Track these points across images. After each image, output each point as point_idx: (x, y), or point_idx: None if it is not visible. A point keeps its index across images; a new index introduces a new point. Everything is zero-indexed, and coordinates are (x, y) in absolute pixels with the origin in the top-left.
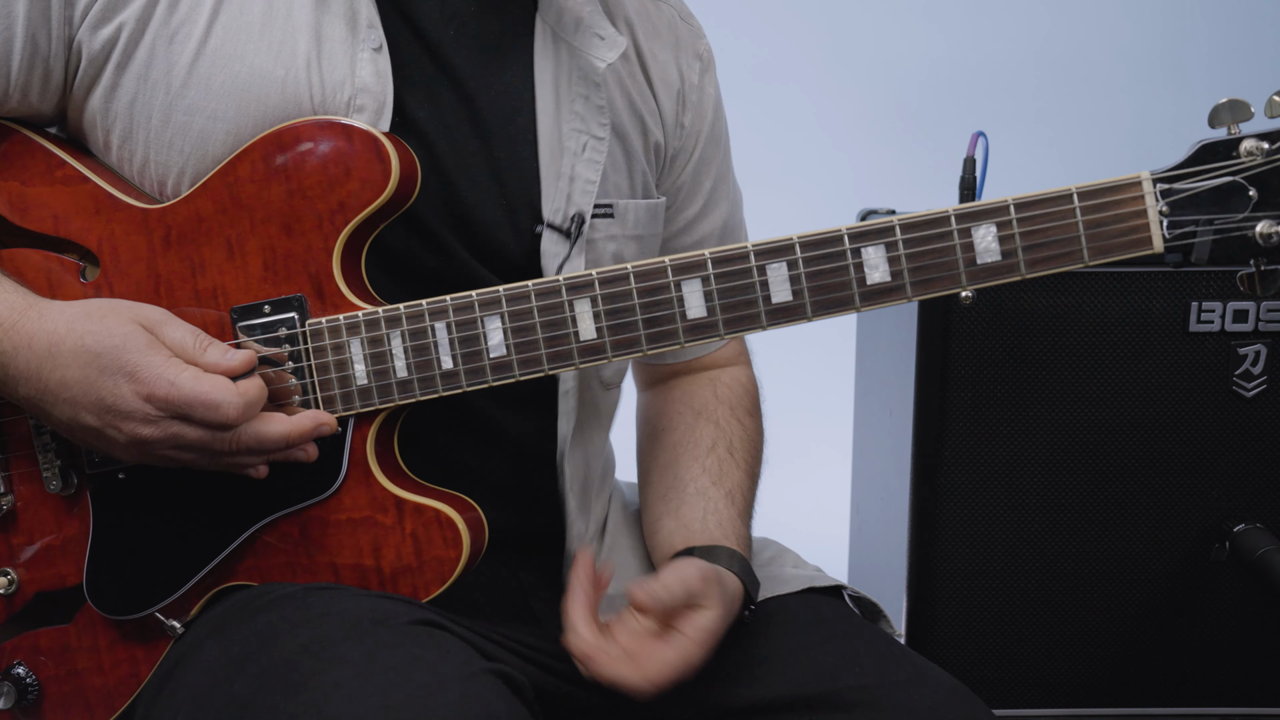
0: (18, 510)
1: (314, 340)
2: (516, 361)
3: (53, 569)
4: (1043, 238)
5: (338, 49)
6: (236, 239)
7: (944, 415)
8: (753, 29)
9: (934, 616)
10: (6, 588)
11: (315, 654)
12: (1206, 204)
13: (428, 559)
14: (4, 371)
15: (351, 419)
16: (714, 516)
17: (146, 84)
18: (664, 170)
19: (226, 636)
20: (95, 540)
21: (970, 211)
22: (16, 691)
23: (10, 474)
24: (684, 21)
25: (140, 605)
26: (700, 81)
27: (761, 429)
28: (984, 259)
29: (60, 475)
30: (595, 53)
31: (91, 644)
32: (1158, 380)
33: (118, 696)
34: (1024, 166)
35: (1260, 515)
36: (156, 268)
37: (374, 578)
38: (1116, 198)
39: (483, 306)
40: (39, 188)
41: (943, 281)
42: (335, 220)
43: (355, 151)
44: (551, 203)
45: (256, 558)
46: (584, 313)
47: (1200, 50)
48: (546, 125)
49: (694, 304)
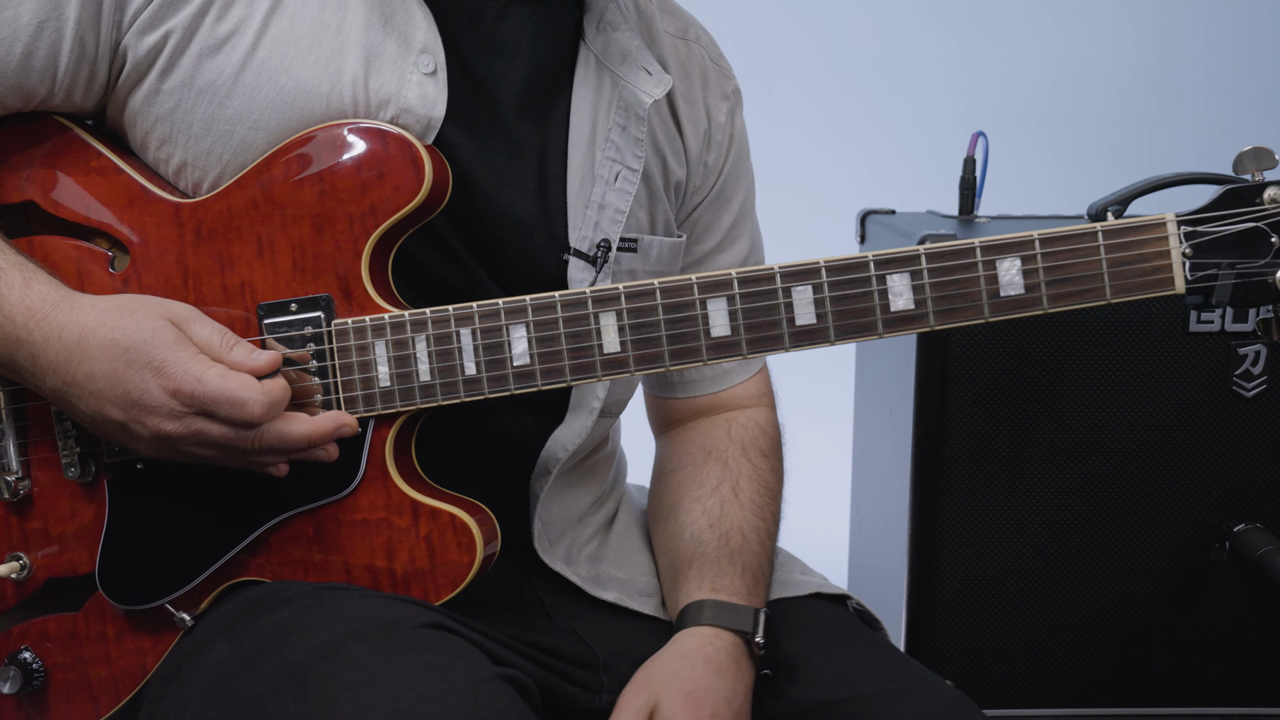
0: (34, 495)
1: (339, 340)
2: (540, 371)
3: (65, 556)
4: (1066, 274)
5: (387, 68)
6: (267, 236)
7: (944, 415)
8: (753, 29)
9: (934, 616)
10: (18, 572)
11: (327, 655)
12: (1229, 248)
13: (440, 563)
14: (33, 362)
15: (371, 420)
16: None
17: (190, 92)
18: (682, 205)
19: (238, 634)
20: (110, 529)
21: (996, 244)
22: (22, 677)
23: (29, 459)
24: (714, 63)
25: (151, 596)
26: (726, 121)
27: (778, 469)
28: (1007, 291)
29: (79, 462)
30: (642, 86)
31: (99, 633)
32: (1157, 380)
33: (123, 687)
34: (1024, 167)
35: (1260, 515)
36: (186, 261)
37: (386, 579)
38: (1140, 237)
39: (509, 315)
40: (73, 176)
41: (965, 312)
42: (366, 223)
43: (390, 155)
44: (579, 230)
45: (270, 554)
46: (609, 325)
47: (1200, 52)
48: (579, 154)
49: (719, 322)
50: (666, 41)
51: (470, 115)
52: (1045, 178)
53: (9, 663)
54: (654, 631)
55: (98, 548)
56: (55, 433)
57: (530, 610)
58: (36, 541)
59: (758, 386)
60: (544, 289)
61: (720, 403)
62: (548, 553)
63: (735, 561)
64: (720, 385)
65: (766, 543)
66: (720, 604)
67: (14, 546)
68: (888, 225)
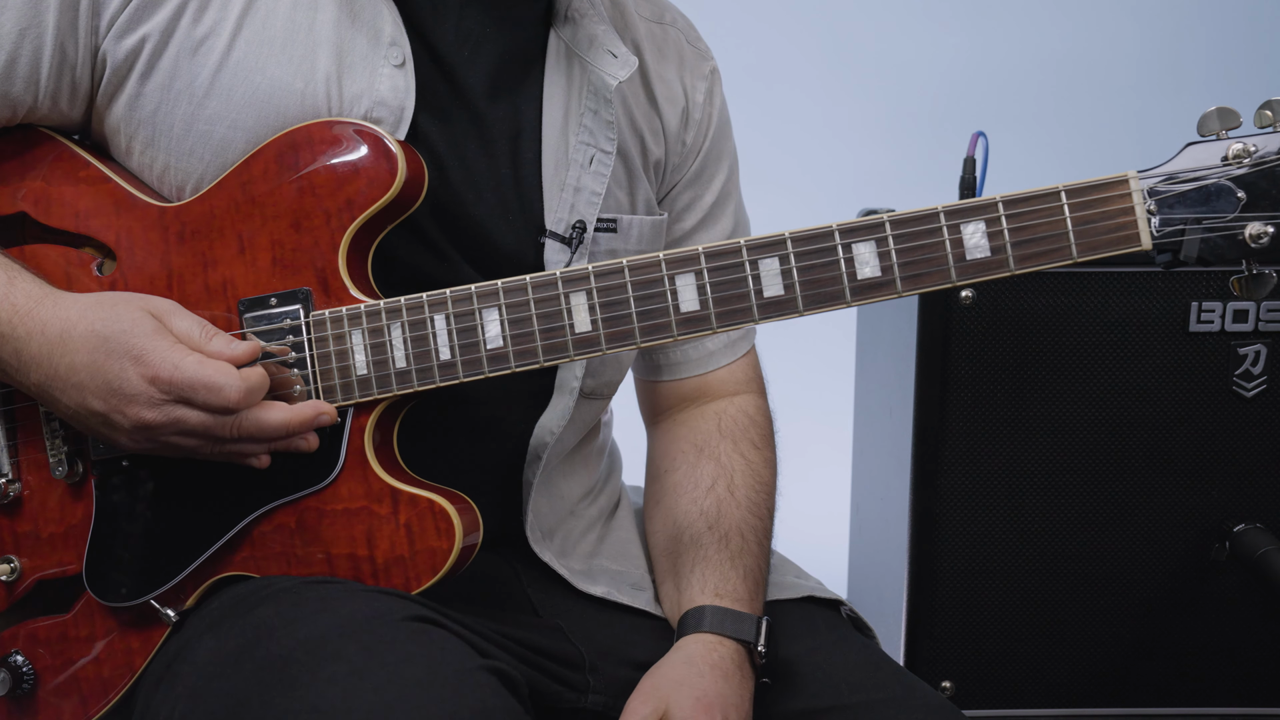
0: (24, 497)
1: (317, 331)
2: (513, 353)
3: (54, 556)
4: (1031, 234)
5: (358, 64)
6: (248, 235)
7: (944, 415)
8: (753, 29)
9: (933, 616)
10: (9, 574)
11: (311, 650)
12: (1195, 204)
13: (420, 549)
14: (18, 358)
15: (350, 410)
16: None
17: (169, 94)
18: (662, 184)
19: (223, 631)
20: (96, 526)
21: (959, 208)
22: (12, 680)
23: (19, 461)
24: (690, 45)
25: (136, 592)
26: (705, 100)
27: (771, 459)
28: (973, 255)
29: (67, 461)
30: (608, 69)
31: (88, 634)
32: (1158, 380)
33: (111, 687)
34: (1024, 167)
35: (1260, 515)
36: (170, 262)
37: (367, 567)
38: (1104, 195)
39: (481, 299)
40: (63, 187)
41: (932, 276)
42: (343, 217)
43: (364, 151)
44: (554, 213)
45: (253, 548)
46: (579, 305)
47: (1199, 51)
48: (553, 138)
49: (687, 297)
50: (641, 26)
51: (442, 104)
52: (1045, 178)
53: (0, 666)
54: (643, 628)
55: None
56: (43, 433)
57: (518, 606)
58: (27, 544)
59: (745, 371)
60: (522, 273)
61: (709, 387)
62: (539, 544)
63: (736, 565)
64: (707, 367)
65: (764, 542)
66: (723, 611)
67: (4, 549)
68: None
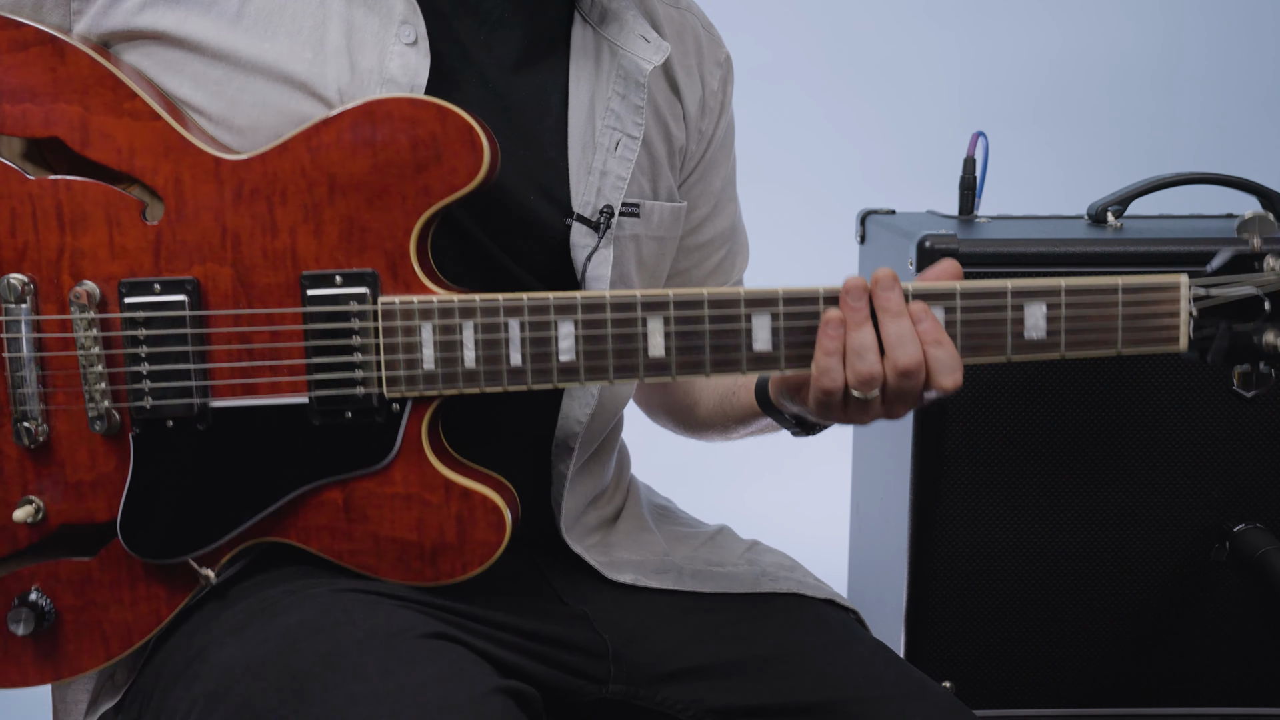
0: (53, 443)
1: (385, 319)
2: (584, 368)
3: (83, 504)
4: (1085, 323)
5: (368, 40)
6: (313, 204)
7: (944, 415)
8: (754, 28)
9: (934, 616)
10: (33, 516)
11: (331, 665)
12: (1227, 311)
13: (469, 540)
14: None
15: (410, 400)
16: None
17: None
18: (681, 170)
19: (248, 637)
20: (134, 483)
21: (1026, 290)
22: (35, 618)
23: (49, 407)
24: (705, 30)
25: (175, 551)
26: (719, 88)
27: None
28: (1030, 334)
29: (105, 416)
30: (641, 54)
31: (114, 579)
32: (1157, 380)
33: (136, 632)
34: (1024, 167)
35: (1260, 515)
36: (224, 219)
37: (414, 552)
38: (1155, 295)
39: (558, 310)
40: (104, 117)
41: (988, 350)
42: (419, 201)
43: (448, 136)
44: (581, 196)
45: (297, 518)
46: (655, 330)
47: (1199, 52)
48: (579, 121)
49: (761, 337)
50: (661, 10)
51: (460, 85)
52: (1045, 177)
53: (19, 604)
54: (671, 610)
55: (118, 499)
56: (80, 383)
57: (543, 595)
58: (52, 487)
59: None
60: (547, 253)
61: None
62: (569, 533)
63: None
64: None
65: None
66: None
67: (28, 490)
68: (888, 225)
